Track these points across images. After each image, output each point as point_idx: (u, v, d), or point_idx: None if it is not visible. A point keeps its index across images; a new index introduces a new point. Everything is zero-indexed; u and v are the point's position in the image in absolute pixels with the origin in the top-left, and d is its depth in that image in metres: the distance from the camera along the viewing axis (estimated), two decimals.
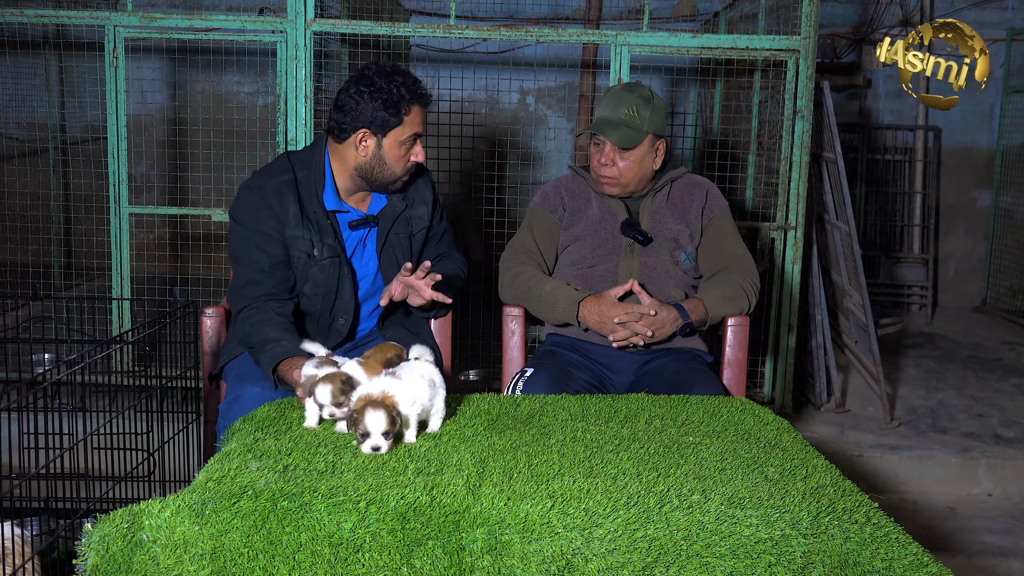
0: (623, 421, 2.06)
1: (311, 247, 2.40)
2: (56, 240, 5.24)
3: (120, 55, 3.71)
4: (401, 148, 2.40)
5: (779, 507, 1.58)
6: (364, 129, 2.37)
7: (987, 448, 3.86)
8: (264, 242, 2.37)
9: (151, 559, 1.49)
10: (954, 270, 6.57)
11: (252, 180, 2.44)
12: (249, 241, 2.38)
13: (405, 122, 2.37)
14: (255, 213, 2.38)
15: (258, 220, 2.38)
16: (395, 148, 2.39)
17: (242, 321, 2.35)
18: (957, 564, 3.09)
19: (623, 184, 2.70)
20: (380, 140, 2.38)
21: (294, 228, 2.39)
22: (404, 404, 1.83)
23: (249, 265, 2.38)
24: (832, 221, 4.36)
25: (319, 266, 2.42)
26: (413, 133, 2.40)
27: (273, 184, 2.40)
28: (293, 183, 2.41)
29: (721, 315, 2.64)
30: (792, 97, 3.85)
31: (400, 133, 2.38)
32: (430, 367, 1.97)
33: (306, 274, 2.43)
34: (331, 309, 2.47)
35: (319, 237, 2.41)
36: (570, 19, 6.04)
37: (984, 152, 6.45)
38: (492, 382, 4.07)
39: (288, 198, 2.39)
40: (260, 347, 2.25)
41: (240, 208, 2.41)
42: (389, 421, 1.77)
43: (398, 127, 2.37)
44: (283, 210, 2.38)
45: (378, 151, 2.39)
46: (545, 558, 1.50)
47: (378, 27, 3.77)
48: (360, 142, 2.38)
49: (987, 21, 6.12)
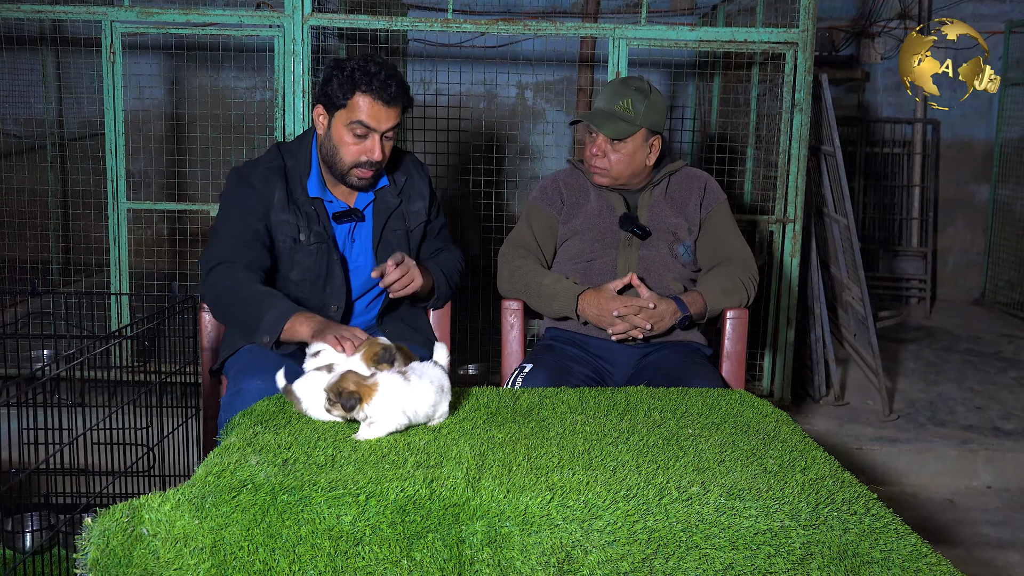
0: (622, 414, 2.06)
1: (296, 231, 2.41)
2: (54, 236, 5.23)
3: (117, 51, 3.70)
4: (347, 134, 2.36)
5: (778, 498, 1.58)
6: (320, 104, 2.39)
7: (986, 441, 3.87)
8: (246, 217, 2.38)
9: (151, 553, 1.49)
10: (953, 263, 6.57)
11: (241, 167, 2.47)
12: (231, 216, 2.39)
13: (349, 106, 2.33)
14: (240, 191, 2.41)
15: (242, 198, 2.40)
16: (341, 131, 2.36)
17: (220, 276, 2.31)
18: (956, 556, 3.10)
19: (613, 176, 2.69)
20: (330, 119, 2.38)
21: (280, 212, 2.40)
22: (407, 407, 1.85)
23: (229, 236, 2.37)
24: (831, 214, 4.36)
25: (306, 251, 2.42)
26: (359, 121, 2.33)
27: (261, 169, 2.43)
28: (281, 169, 2.43)
29: (720, 308, 2.65)
30: (790, 90, 3.84)
31: (345, 116, 2.35)
32: (440, 372, 1.97)
33: (292, 259, 2.43)
34: (322, 296, 2.47)
35: (305, 223, 2.42)
36: (568, 13, 6.03)
37: (983, 145, 6.45)
38: (491, 376, 4.07)
39: (274, 182, 2.40)
40: (258, 300, 2.23)
41: (227, 190, 2.44)
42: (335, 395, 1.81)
43: (343, 109, 2.35)
44: (269, 193, 2.39)
45: (328, 131, 2.39)
46: (545, 550, 1.51)
47: (376, 21, 3.76)
48: (318, 116, 2.41)
49: (985, 14, 6.12)
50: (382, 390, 1.83)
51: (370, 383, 1.83)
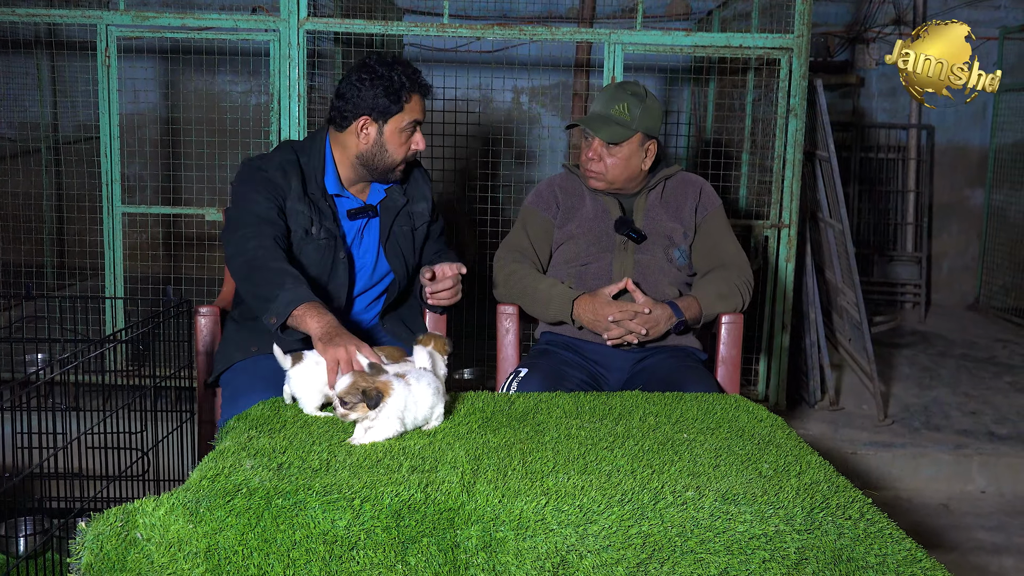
0: (617, 418, 2.06)
1: (309, 223, 2.41)
2: (49, 240, 5.22)
3: (112, 54, 3.70)
4: (401, 135, 2.43)
5: (773, 503, 1.59)
6: (365, 116, 2.40)
7: (980, 445, 3.87)
8: (265, 199, 2.35)
9: (145, 558, 1.49)
10: (947, 268, 6.59)
11: (253, 158, 2.46)
12: (250, 197, 2.36)
13: (405, 109, 2.40)
14: (257, 175, 2.38)
15: (260, 182, 2.37)
16: (395, 135, 2.42)
17: (247, 239, 2.26)
18: (950, 560, 3.10)
19: (609, 180, 2.70)
20: (381, 127, 2.41)
21: (295, 202, 2.39)
22: (407, 412, 1.86)
23: (250, 213, 2.33)
24: (826, 219, 4.37)
25: (315, 244, 2.42)
26: (413, 120, 2.43)
27: (277, 160, 2.42)
28: (296, 163, 2.44)
29: (715, 313, 2.65)
30: (785, 96, 3.85)
31: (400, 120, 2.41)
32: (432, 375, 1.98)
33: (300, 250, 2.42)
34: (324, 292, 2.46)
35: (318, 217, 2.42)
36: (564, 18, 6.04)
37: (977, 150, 6.47)
38: (487, 380, 4.07)
39: (292, 174, 2.41)
40: (278, 276, 2.18)
41: (242, 177, 2.41)
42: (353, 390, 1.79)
43: (398, 114, 2.40)
44: (286, 183, 2.39)
45: (379, 138, 2.42)
46: (540, 555, 1.51)
47: (371, 26, 3.77)
48: (361, 129, 2.41)
49: (980, 20, 6.14)
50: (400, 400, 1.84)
51: (379, 384, 1.83)
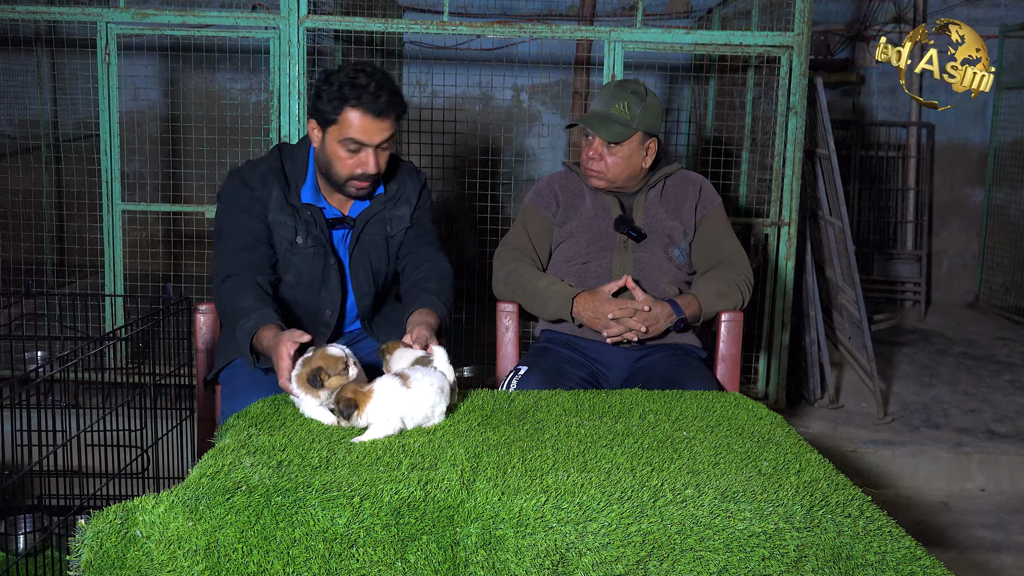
0: (617, 416, 2.06)
1: (294, 234, 2.40)
2: (49, 237, 5.22)
3: (112, 52, 3.70)
4: (341, 149, 2.32)
5: (772, 501, 1.59)
6: (313, 119, 2.37)
7: (980, 443, 3.87)
8: (246, 219, 2.37)
9: (145, 555, 1.49)
10: (947, 266, 6.59)
11: (241, 166, 2.46)
12: (231, 217, 2.39)
13: (340, 122, 2.28)
14: (238, 192, 2.40)
15: (241, 199, 2.39)
16: (335, 146, 2.32)
17: (226, 291, 2.30)
18: (950, 558, 3.11)
19: (610, 179, 2.70)
20: (324, 134, 2.34)
21: (277, 213, 2.39)
22: (404, 412, 1.88)
23: (230, 240, 2.37)
24: (826, 217, 4.37)
25: (302, 255, 2.41)
26: (351, 138, 2.28)
27: (260, 170, 2.42)
28: (280, 171, 2.43)
29: (715, 311, 2.65)
30: (786, 93, 3.85)
31: (338, 133, 2.30)
32: (440, 375, 2.00)
33: (288, 261, 2.42)
34: (317, 300, 2.46)
35: (304, 227, 2.41)
36: (564, 16, 6.03)
37: (977, 149, 6.47)
38: (486, 378, 4.07)
39: (272, 184, 2.40)
40: (241, 316, 2.19)
41: (225, 189, 2.43)
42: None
43: (334, 126, 2.30)
44: (266, 194, 2.39)
45: (323, 145, 2.36)
46: (539, 552, 1.51)
47: (371, 23, 3.76)
48: (312, 131, 2.39)
49: (980, 18, 6.14)
50: (378, 396, 1.86)
51: (366, 389, 1.87)
